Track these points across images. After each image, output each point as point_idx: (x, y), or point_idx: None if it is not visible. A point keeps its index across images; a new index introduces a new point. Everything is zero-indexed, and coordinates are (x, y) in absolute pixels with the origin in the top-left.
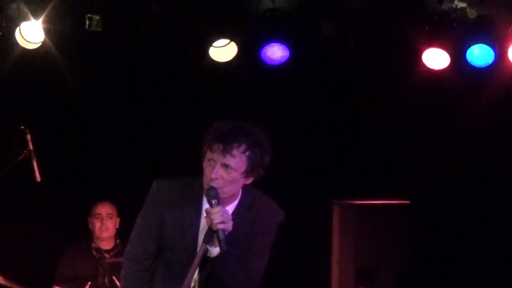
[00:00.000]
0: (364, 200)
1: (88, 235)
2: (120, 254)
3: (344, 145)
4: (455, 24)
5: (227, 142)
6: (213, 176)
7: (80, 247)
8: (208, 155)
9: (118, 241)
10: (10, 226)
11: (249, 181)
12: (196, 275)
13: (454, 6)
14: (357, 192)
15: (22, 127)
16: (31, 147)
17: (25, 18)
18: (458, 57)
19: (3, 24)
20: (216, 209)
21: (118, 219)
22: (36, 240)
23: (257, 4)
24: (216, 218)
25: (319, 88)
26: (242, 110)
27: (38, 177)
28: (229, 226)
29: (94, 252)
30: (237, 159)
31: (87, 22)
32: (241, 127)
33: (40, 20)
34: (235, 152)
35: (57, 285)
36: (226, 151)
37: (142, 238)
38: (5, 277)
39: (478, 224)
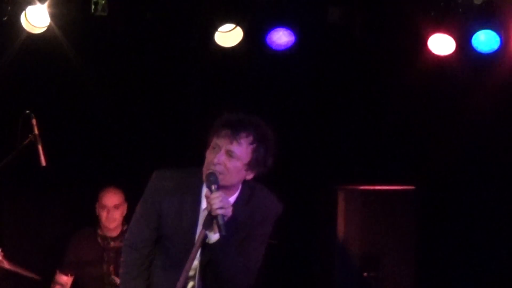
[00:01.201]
0: (369, 186)
1: (95, 221)
2: None
3: (350, 131)
4: (460, 10)
5: (235, 129)
6: (215, 160)
7: (87, 234)
8: (214, 141)
9: (125, 227)
10: (16, 212)
11: (249, 176)
12: (196, 262)
13: None
14: (362, 178)
15: (28, 112)
16: (36, 131)
17: (30, 2)
18: (463, 43)
19: (9, 9)
20: (216, 194)
21: (126, 205)
22: (43, 225)
23: None
24: (216, 203)
25: (324, 73)
26: (247, 95)
27: (43, 162)
28: (228, 211)
29: (99, 240)
30: (243, 148)
31: (93, 7)
32: (252, 119)
33: (46, 4)
34: (242, 140)
35: (61, 271)
36: (233, 137)
37: (141, 227)
38: (12, 262)
39: (483, 209)
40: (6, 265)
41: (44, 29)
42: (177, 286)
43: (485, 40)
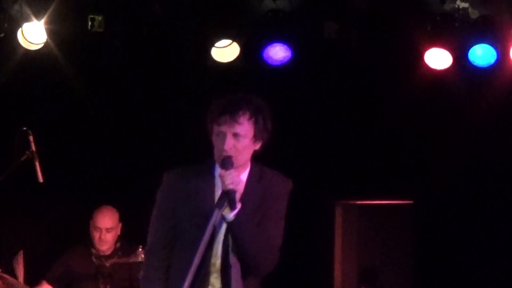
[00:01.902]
0: (367, 200)
1: (88, 238)
2: (121, 255)
3: (347, 145)
4: (457, 24)
5: (232, 112)
6: (225, 147)
7: (81, 251)
8: (216, 129)
9: (118, 244)
10: (12, 227)
11: (258, 146)
12: (219, 249)
13: (456, 6)
14: (360, 192)
15: (25, 128)
16: (33, 148)
17: (27, 19)
18: (460, 57)
19: (5, 25)
20: (228, 172)
21: (120, 226)
22: (38, 241)
23: (259, 4)
24: (227, 179)
25: (321, 88)
26: None
27: (41, 178)
28: (240, 187)
29: (94, 258)
30: (245, 126)
31: (89, 23)
32: (242, 97)
33: (42, 21)
34: (241, 120)
35: (48, 282)
36: (233, 120)
37: (157, 229)
38: (10, 275)
39: (481, 224)
40: (8, 278)
41: (41, 45)
42: (193, 265)
43: (482, 54)
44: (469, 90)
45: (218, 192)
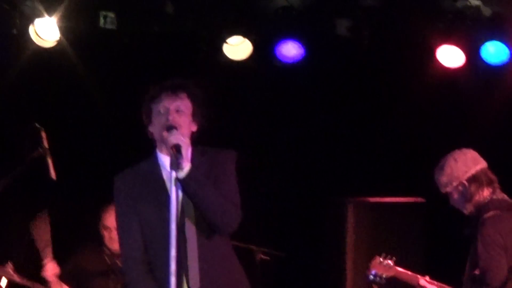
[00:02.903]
0: (378, 198)
1: (100, 236)
2: None
3: (359, 143)
4: (469, 22)
5: (174, 89)
6: (170, 118)
7: (93, 249)
8: (158, 107)
9: None
10: (25, 225)
11: (194, 127)
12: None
13: (468, 3)
14: (372, 190)
15: (37, 125)
16: (45, 145)
17: (39, 16)
18: (472, 54)
19: (18, 22)
20: (173, 131)
21: None
22: (52, 239)
23: (271, 2)
24: (173, 137)
25: (333, 85)
26: (256, 108)
27: (53, 175)
28: (186, 142)
29: (106, 258)
30: (185, 102)
31: (102, 20)
32: (179, 79)
33: (55, 17)
34: (182, 95)
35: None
36: (175, 96)
37: (129, 235)
38: (22, 275)
39: None
40: (17, 278)
41: (53, 42)
42: (171, 240)
43: (494, 52)
44: (482, 88)
45: (165, 173)
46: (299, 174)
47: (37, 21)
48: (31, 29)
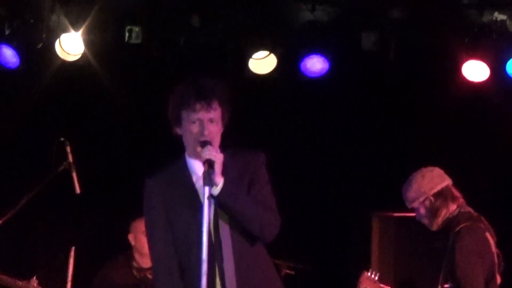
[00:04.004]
0: (403, 212)
1: (128, 251)
2: None
3: (384, 157)
4: (495, 36)
5: (207, 99)
6: (206, 132)
7: (121, 263)
8: (191, 116)
9: None
10: (50, 239)
11: (222, 130)
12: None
13: (494, 18)
14: (397, 204)
15: (62, 139)
16: (70, 159)
17: (65, 30)
18: (498, 69)
19: (44, 36)
20: (206, 147)
21: None
22: (77, 253)
23: (296, 16)
24: (206, 152)
25: (358, 99)
26: (281, 122)
27: (77, 189)
28: (219, 159)
29: (135, 272)
30: (217, 112)
31: (127, 34)
32: (210, 82)
33: (80, 31)
34: (215, 106)
35: None
36: (209, 107)
37: (159, 240)
38: None
39: None
40: None
41: (79, 56)
42: (203, 253)
43: None
44: (507, 102)
45: (195, 177)
46: (324, 188)
47: (63, 35)
48: (57, 43)
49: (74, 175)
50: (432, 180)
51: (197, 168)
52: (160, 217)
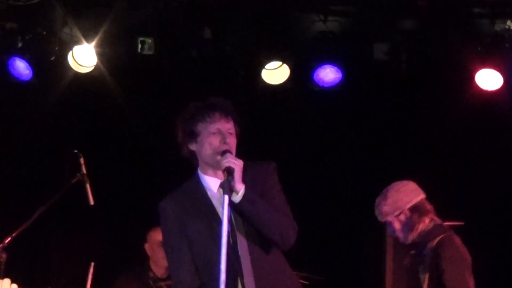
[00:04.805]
0: None
1: (143, 261)
2: None
3: (397, 166)
4: (507, 45)
5: (224, 112)
6: (228, 141)
7: (136, 274)
8: (210, 128)
9: None
10: (64, 251)
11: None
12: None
13: (506, 27)
14: None
15: (75, 151)
16: (84, 171)
17: (77, 42)
18: (511, 77)
19: (56, 48)
20: (226, 156)
21: None
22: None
23: (309, 26)
24: (226, 162)
25: (371, 109)
26: (294, 132)
27: (91, 201)
28: (239, 166)
29: (150, 282)
30: (233, 124)
31: (140, 46)
32: (220, 99)
33: (93, 43)
34: (229, 119)
35: None
36: (227, 118)
37: (178, 258)
38: None
39: None
40: None
41: (91, 68)
42: (222, 260)
43: None
44: None
45: (210, 193)
46: (338, 197)
47: (76, 47)
48: (70, 56)
49: (88, 186)
50: (407, 194)
51: (211, 183)
52: (177, 240)
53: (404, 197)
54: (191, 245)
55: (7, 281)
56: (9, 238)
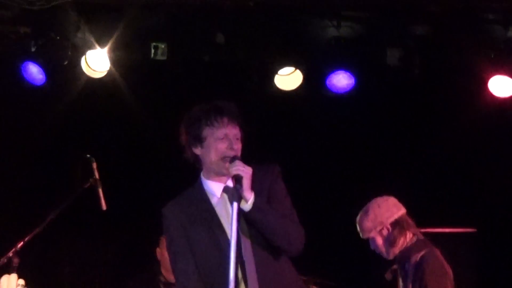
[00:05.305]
0: (429, 228)
1: (154, 266)
2: None
3: (409, 173)
4: None
5: (232, 116)
6: (236, 147)
7: (147, 278)
8: (217, 132)
9: None
10: (76, 256)
11: None
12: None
13: None
14: (422, 220)
15: (88, 156)
16: (97, 175)
17: (90, 47)
18: None
19: (69, 53)
20: (235, 163)
21: None
22: (102, 269)
23: (322, 32)
24: (234, 170)
25: (384, 115)
26: (308, 138)
27: (104, 206)
28: (248, 173)
29: (161, 286)
30: (238, 129)
31: (153, 51)
32: (228, 104)
33: (106, 48)
34: (236, 123)
35: None
36: (234, 123)
37: (182, 266)
38: None
39: None
40: None
41: (104, 73)
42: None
43: None
44: None
45: (213, 199)
46: (350, 203)
47: (89, 52)
48: (83, 60)
49: (100, 191)
50: (388, 209)
51: (215, 188)
52: (181, 247)
53: (385, 212)
54: (193, 251)
55: (14, 276)
56: (22, 243)
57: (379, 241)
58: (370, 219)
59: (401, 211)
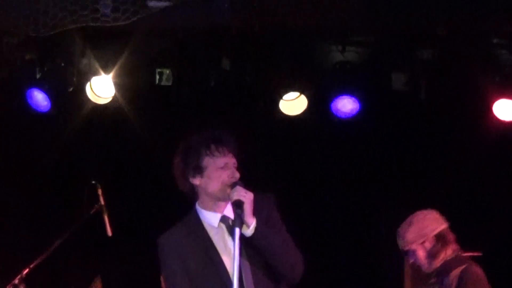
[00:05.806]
0: None
1: None
2: None
3: (416, 196)
4: None
5: (231, 145)
6: (237, 175)
7: None
8: (218, 162)
9: None
10: (82, 281)
11: None
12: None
13: None
14: None
15: (93, 182)
16: (102, 202)
17: (95, 73)
18: None
19: (74, 79)
20: (235, 188)
21: None
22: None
23: (326, 56)
24: (235, 195)
25: (390, 140)
26: (313, 163)
27: (109, 232)
28: (249, 199)
29: None
30: (236, 159)
31: (157, 77)
32: (221, 132)
33: (111, 74)
34: (234, 153)
35: None
36: (232, 153)
37: None
38: None
39: None
40: None
41: (109, 99)
42: None
43: None
44: None
45: (209, 229)
46: (355, 228)
47: (94, 78)
48: (88, 87)
49: (106, 217)
50: (432, 222)
51: (212, 219)
52: (179, 278)
53: (429, 225)
54: (191, 281)
55: None
56: (27, 269)
57: (421, 253)
58: (414, 231)
59: (444, 225)
